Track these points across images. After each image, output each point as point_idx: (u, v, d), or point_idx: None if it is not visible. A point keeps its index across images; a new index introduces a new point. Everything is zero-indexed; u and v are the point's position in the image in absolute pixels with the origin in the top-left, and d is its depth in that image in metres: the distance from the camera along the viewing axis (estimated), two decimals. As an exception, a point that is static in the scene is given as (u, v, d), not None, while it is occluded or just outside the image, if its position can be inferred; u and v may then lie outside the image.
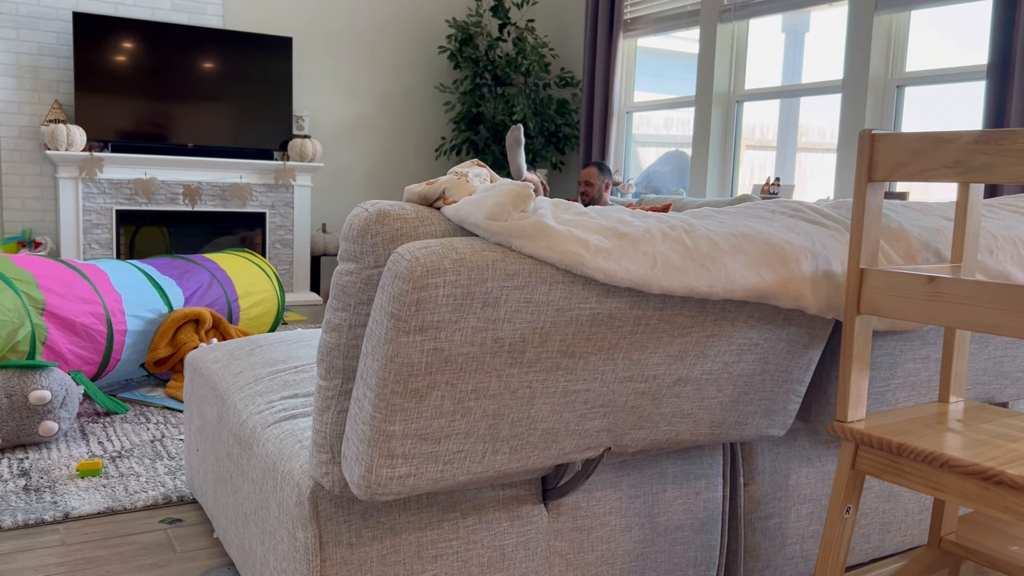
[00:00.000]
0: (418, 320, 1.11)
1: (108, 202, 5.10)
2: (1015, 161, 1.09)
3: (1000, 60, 3.60)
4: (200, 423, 2.03)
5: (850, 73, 4.26)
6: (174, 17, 5.38)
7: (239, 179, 5.45)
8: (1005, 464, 1.14)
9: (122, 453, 2.57)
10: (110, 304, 3.05)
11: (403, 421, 1.16)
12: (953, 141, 1.16)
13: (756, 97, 5.00)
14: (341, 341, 1.24)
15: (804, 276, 1.32)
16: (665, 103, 5.68)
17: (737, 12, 4.93)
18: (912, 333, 1.59)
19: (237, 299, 3.69)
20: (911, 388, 1.65)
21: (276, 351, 2.06)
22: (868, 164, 1.25)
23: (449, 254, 1.11)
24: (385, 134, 6.25)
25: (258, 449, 1.57)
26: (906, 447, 1.22)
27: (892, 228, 1.47)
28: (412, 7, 6.20)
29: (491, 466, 1.28)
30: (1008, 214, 1.77)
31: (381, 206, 1.20)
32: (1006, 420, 1.36)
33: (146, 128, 5.21)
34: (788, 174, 4.93)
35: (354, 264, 1.20)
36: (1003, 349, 1.76)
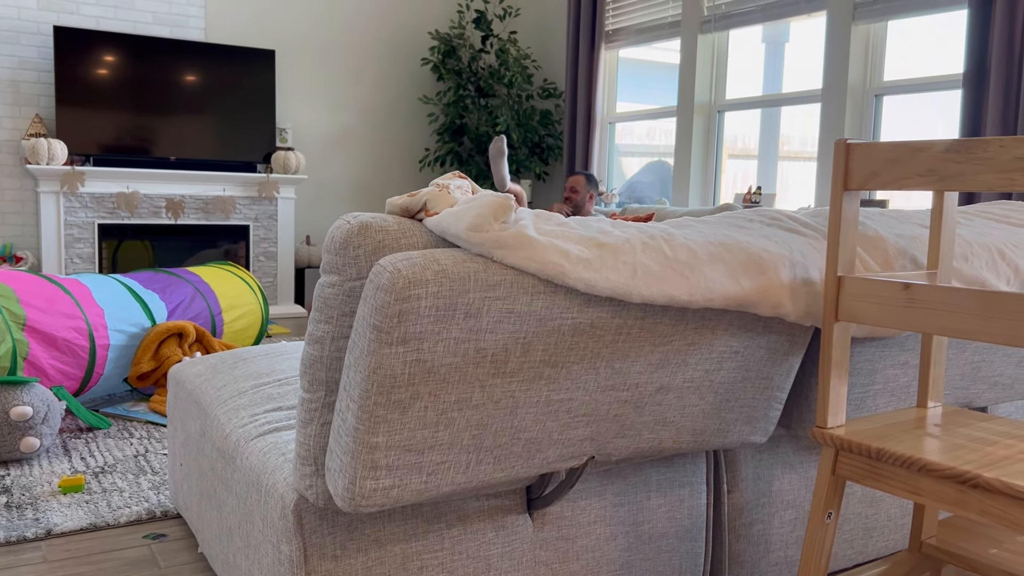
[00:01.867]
0: (401, 331, 1.11)
1: (90, 216, 5.07)
2: (986, 169, 1.11)
3: (975, 69, 3.65)
4: (183, 437, 2.02)
5: (829, 82, 4.31)
6: (156, 30, 5.37)
7: (222, 192, 5.44)
8: (981, 468, 1.15)
9: (105, 468, 2.55)
10: (92, 319, 3.03)
11: (387, 432, 1.17)
12: (926, 150, 1.18)
13: (737, 107, 5.04)
14: (324, 353, 1.24)
15: (783, 284, 1.34)
16: (647, 113, 5.72)
17: (717, 23, 4.98)
18: (891, 339, 1.61)
19: (221, 312, 3.68)
20: (890, 394, 1.67)
21: (259, 364, 2.06)
22: (844, 173, 1.27)
23: (431, 265, 1.12)
24: (369, 146, 6.25)
25: (242, 462, 1.56)
26: (885, 452, 1.24)
27: (869, 236, 1.49)
28: (395, 19, 6.22)
29: (475, 476, 1.28)
30: (983, 221, 1.79)
31: (363, 218, 1.20)
32: (983, 424, 1.38)
33: (128, 142, 5.19)
34: (770, 183, 4.97)
35: (336, 276, 1.21)
36: (980, 354, 1.78)
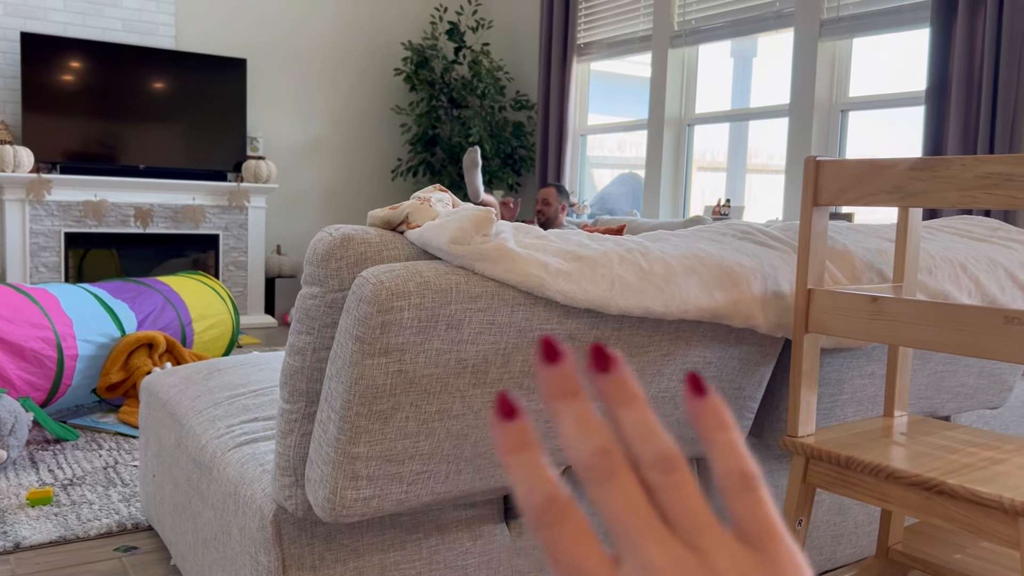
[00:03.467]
0: (383, 343, 1.13)
1: (56, 225, 5.00)
2: (949, 187, 1.15)
3: (937, 86, 3.75)
4: (157, 448, 2.01)
5: (796, 98, 4.40)
6: (125, 38, 5.33)
7: (192, 201, 5.40)
8: (945, 475, 1.19)
9: (74, 481, 2.52)
10: (60, 329, 3.00)
11: (368, 443, 1.18)
12: (892, 168, 1.22)
13: (706, 121, 5.12)
14: (305, 364, 1.25)
15: (754, 296, 1.37)
16: (618, 126, 5.78)
17: (687, 38, 5.05)
18: (858, 350, 1.66)
19: (191, 322, 3.65)
20: (858, 403, 1.71)
21: (234, 375, 2.05)
22: (813, 189, 1.31)
23: (413, 277, 1.13)
24: (341, 155, 6.25)
25: (218, 474, 1.56)
26: (853, 460, 1.27)
27: (838, 249, 1.53)
28: (367, 30, 6.22)
29: (455, 486, 1.30)
30: (947, 235, 1.85)
31: (345, 231, 1.22)
32: (946, 433, 1.42)
33: (96, 150, 5.14)
34: (738, 195, 5.05)
35: (318, 288, 1.22)
36: (943, 365, 1.83)
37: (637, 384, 0.28)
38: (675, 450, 0.27)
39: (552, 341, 0.27)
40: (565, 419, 0.27)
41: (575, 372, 0.27)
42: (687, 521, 0.26)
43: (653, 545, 0.25)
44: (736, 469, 0.27)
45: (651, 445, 0.27)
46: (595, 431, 0.26)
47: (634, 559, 0.25)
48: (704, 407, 0.28)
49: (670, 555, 0.25)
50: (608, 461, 0.26)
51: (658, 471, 0.26)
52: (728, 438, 0.27)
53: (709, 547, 0.25)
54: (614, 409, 0.27)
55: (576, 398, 0.27)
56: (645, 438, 0.27)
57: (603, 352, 0.28)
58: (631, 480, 0.26)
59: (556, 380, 0.27)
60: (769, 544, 0.26)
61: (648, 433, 0.27)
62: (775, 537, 0.26)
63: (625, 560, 0.25)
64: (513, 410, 0.27)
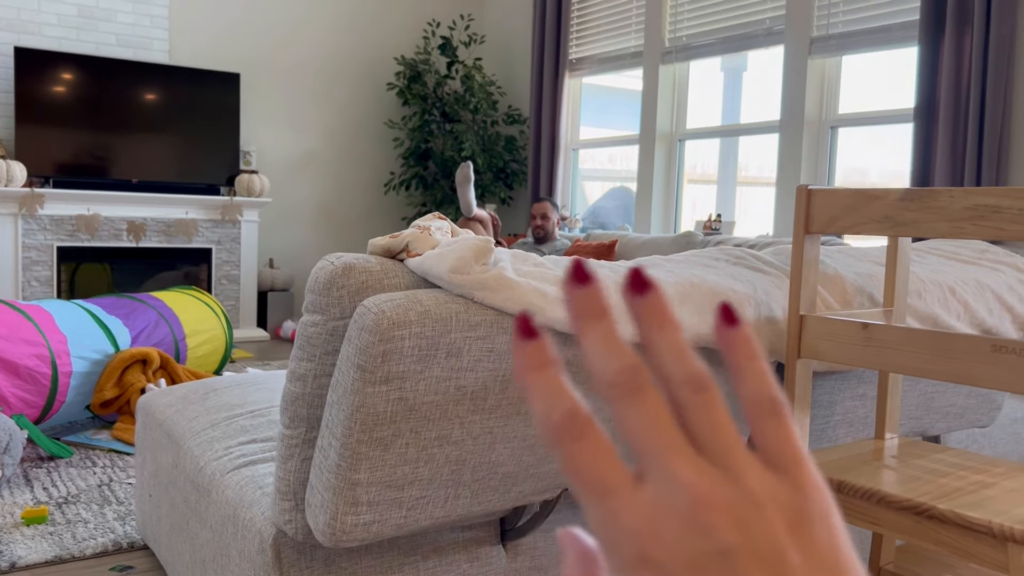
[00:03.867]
0: (384, 371, 1.14)
1: (49, 239, 5.00)
2: (938, 218, 1.18)
3: (926, 104, 3.80)
4: (154, 468, 2.01)
5: (786, 114, 4.44)
6: (119, 52, 5.34)
7: (185, 215, 5.40)
8: (936, 499, 1.22)
9: (68, 499, 2.52)
10: (55, 345, 3.00)
11: (368, 469, 1.19)
12: (882, 198, 1.25)
13: (697, 136, 5.16)
14: (306, 391, 1.27)
15: (748, 322, 1.39)
16: (610, 140, 5.82)
17: (678, 54, 5.10)
18: (849, 372, 1.68)
19: (184, 338, 3.65)
20: (849, 424, 1.74)
21: (231, 395, 2.06)
22: (805, 218, 1.33)
23: (414, 307, 1.15)
24: (333, 169, 6.26)
25: (217, 496, 1.57)
26: (846, 484, 1.29)
27: (829, 274, 1.56)
28: (360, 45, 6.25)
29: (453, 510, 1.31)
30: (936, 259, 1.88)
31: (346, 259, 1.23)
32: (936, 456, 1.45)
33: (89, 164, 5.14)
34: (729, 210, 5.09)
35: (320, 316, 1.23)
36: (933, 385, 1.86)
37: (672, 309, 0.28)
38: (707, 372, 0.26)
39: (581, 264, 0.27)
40: (591, 338, 0.26)
41: (603, 294, 0.27)
42: (715, 440, 0.25)
43: (680, 460, 0.25)
44: (765, 395, 0.27)
45: (683, 365, 0.26)
46: (621, 349, 0.26)
47: (659, 474, 0.25)
48: (735, 336, 0.27)
49: (698, 471, 0.25)
50: (635, 378, 0.25)
51: (689, 389, 0.26)
52: (758, 366, 0.27)
53: (737, 467, 0.25)
54: (648, 332, 0.27)
55: (603, 318, 0.26)
56: (678, 359, 0.26)
57: (640, 276, 0.27)
58: (658, 397, 0.26)
59: (584, 300, 0.26)
60: (795, 468, 0.26)
61: (681, 355, 0.26)
62: (801, 462, 0.26)
63: (649, 475, 0.25)
64: (532, 330, 0.26)
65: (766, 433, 0.26)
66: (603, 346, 0.26)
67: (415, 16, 6.45)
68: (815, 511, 0.25)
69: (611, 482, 0.25)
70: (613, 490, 0.24)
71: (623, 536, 0.24)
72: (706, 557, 0.24)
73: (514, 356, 0.27)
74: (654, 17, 5.20)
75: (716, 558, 0.24)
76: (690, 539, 0.24)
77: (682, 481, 0.24)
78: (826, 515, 0.25)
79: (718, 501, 0.24)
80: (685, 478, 0.24)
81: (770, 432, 0.26)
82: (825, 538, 0.25)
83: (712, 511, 0.24)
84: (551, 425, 0.25)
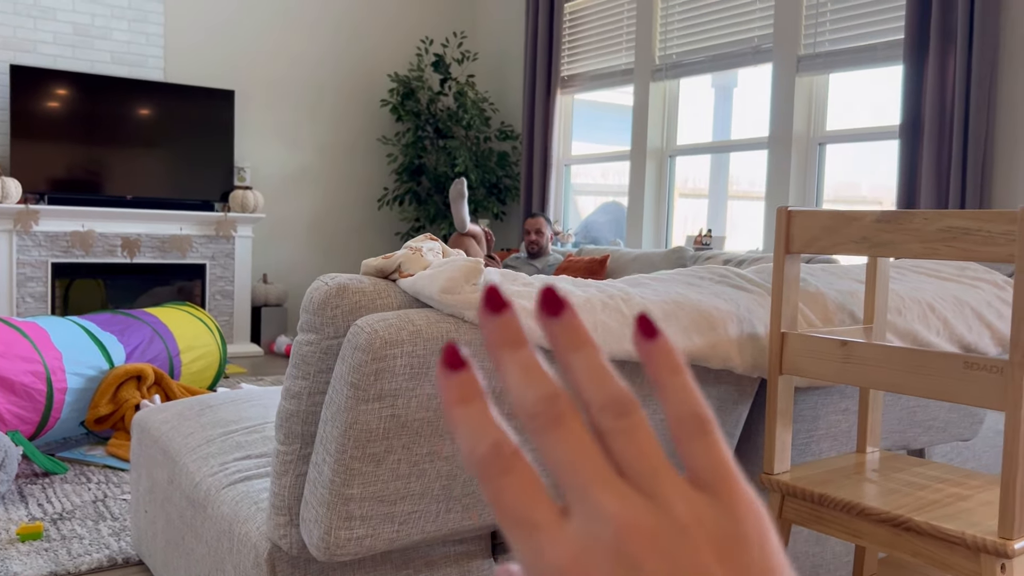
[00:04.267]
0: (377, 389, 1.18)
1: (43, 255, 5.02)
2: (913, 239, 1.22)
3: (911, 121, 3.86)
4: (149, 484, 2.04)
5: (775, 131, 4.50)
6: (114, 70, 5.38)
7: (179, 231, 5.43)
8: (913, 511, 1.25)
9: (63, 515, 2.54)
10: (50, 362, 3.02)
11: (361, 484, 1.23)
12: (859, 220, 1.29)
13: (688, 152, 5.22)
14: (300, 408, 1.30)
15: (731, 339, 1.43)
16: (602, 156, 5.88)
17: (668, 72, 5.17)
18: (832, 388, 1.72)
19: (179, 354, 3.68)
20: (833, 439, 1.77)
21: (226, 411, 2.09)
22: (785, 238, 1.38)
23: (406, 326, 1.19)
24: (327, 185, 6.31)
25: (213, 511, 1.60)
26: (827, 497, 1.33)
27: (811, 292, 1.60)
28: (354, 62, 6.31)
29: (445, 524, 1.34)
30: (916, 276, 1.92)
31: (340, 280, 1.27)
32: (916, 469, 1.48)
33: (84, 180, 5.17)
34: (720, 224, 5.14)
35: (314, 335, 1.27)
36: (915, 400, 1.90)
37: (588, 329, 0.27)
38: (628, 394, 0.26)
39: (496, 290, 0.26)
40: (510, 368, 0.25)
41: (519, 322, 0.26)
42: (640, 467, 0.25)
43: (605, 492, 0.24)
44: (690, 413, 0.26)
45: (603, 389, 0.25)
46: (541, 378, 0.25)
47: (584, 507, 0.24)
48: (655, 349, 0.26)
49: (623, 501, 0.24)
50: (555, 407, 0.25)
51: (610, 415, 0.25)
52: (681, 381, 0.26)
53: (664, 493, 0.24)
54: (564, 354, 0.26)
55: (521, 347, 0.25)
56: (597, 382, 0.25)
57: (554, 295, 0.26)
58: (580, 426, 0.25)
59: (500, 329, 0.26)
60: (724, 489, 0.25)
61: (600, 377, 0.25)
62: (731, 482, 0.25)
63: (574, 508, 0.24)
64: (460, 362, 0.26)
65: (694, 453, 0.25)
66: (522, 376, 0.25)
67: (408, 34, 6.52)
68: (748, 534, 0.24)
69: (536, 517, 0.24)
70: (538, 525, 0.24)
71: (549, 572, 0.23)
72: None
73: (440, 389, 0.26)
74: (644, 35, 5.27)
75: None
76: (616, 572, 0.23)
77: (606, 512, 0.24)
78: (759, 537, 0.24)
79: (643, 531, 0.23)
80: (609, 509, 0.24)
81: (698, 452, 0.25)
82: (757, 561, 0.24)
83: (637, 542, 0.23)
84: (476, 459, 0.25)
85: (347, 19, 6.25)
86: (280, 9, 5.99)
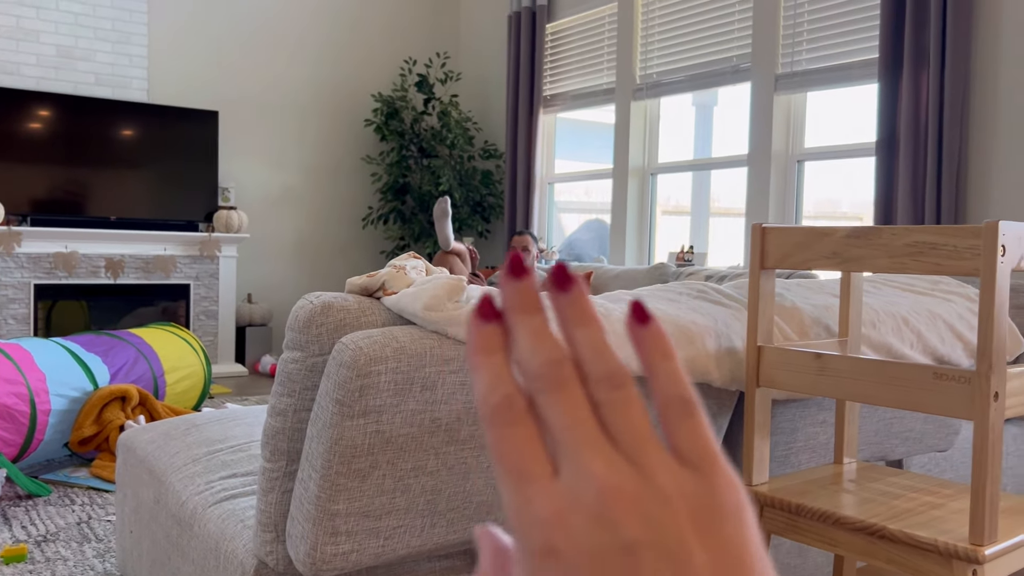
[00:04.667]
0: (362, 405, 1.20)
1: (26, 276, 5.00)
2: (881, 254, 1.26)
3: (886, 138, 3.93)
4: (134, 504, 2.04)
5: (754, 149, 4.57)
6: (97, 91, 5.39)
7: (163, 251, 5.43)
8: (888, 520, 1.28)
9: (47, 537, 2.53)
10: (34, 384, 3.01)
11: (347, 500, 1.24)
12: (830, 235, 1.33)
13: (669, 170, 5.28)
14: (286, 425, 1.32)
15: (709, 353, 1.46)
16: (584, 174, 5.93)
17: (649, 91, 5.23)
18: (810, 400, 1.76)
19: (163, 374, 3.67)
20: (811, 450, 1.81)
21: (212, 431, 2.10)
22: (760, 254, 1.41)
23: (390, 343, 1.21)
24: (312, 204, 6.32)
25: (199, 530, 1.61)
26: (804, 507, 1.36)
27: (786, 306, 1.64)
28: (338, 82, 6.35)
29: (430, 539, 1.36)
30: (890, 290, 1.97)
31: (325, 298, 1.29)
32: (891, 479, 1.52)
33: (67, 201, 5.17)
34: (701, 241, 5.20)
35: (300, 352, 1.29)
36: (891, 412, 1.94)
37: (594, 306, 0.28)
38: (625, 369, 0.27)
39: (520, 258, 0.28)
40: (521, 331, 0.27)
41: (536, 289, 0.27)
42: (630, 437, 0.26)
43: (594, 455, 0.25)
44: (677, 395, 0.27)
45: (602, 362, 0.26)
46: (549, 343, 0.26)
47: (574, 467, 0.25)
48: (647, 334, 0.28)
49: (610, 466, 0.25)
50: (558, 371, 0.26)
51: (606, 387, 0.26)
52: (670, 366, 0.27)
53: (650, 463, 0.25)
54: (569, 328, 0.27)
55: (535, 313, 0.27)
56: (597, 356, 0.27)
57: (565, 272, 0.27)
58: (579, 392, 0.26)
59: (518, 294, 0.27)
60: (707, 466, 0.26)
61: (600, 351, 0.27)
62: (713, 460, 0.26)
63: (564, 468, 0.25)
64: (493, 313, 0.27)
65: (679, 432, 0.27)
66: (532, 339, 0.26)
67: (392, 54, 6.57)
68: (726, 508, 0.25)
69: (531, 469, 0.25)
70: (531, 477, 0.25)
71: (533, 524, 0.25)
72: (609, 551, 0.24)
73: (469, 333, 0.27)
74: (625, 55, 5.34)
75: (619, 552, 0.24)
76: (595, 532, 0.24)
77: (593, 474, 0.25)
78: (737, 512, 0.25)
79: (626, 495, 0.25)
80: (596, 471, 0.25)
81: (683, 431, 0.26)
82: (734, 535, 0.25)
83: (619, 505, 0.24)
84: (489, 405, 0.26)
85: (331, 40, 6.29)
86: (264, 29, 6.03)
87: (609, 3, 5.46)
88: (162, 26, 5.63)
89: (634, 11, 5.28)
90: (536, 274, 0.28)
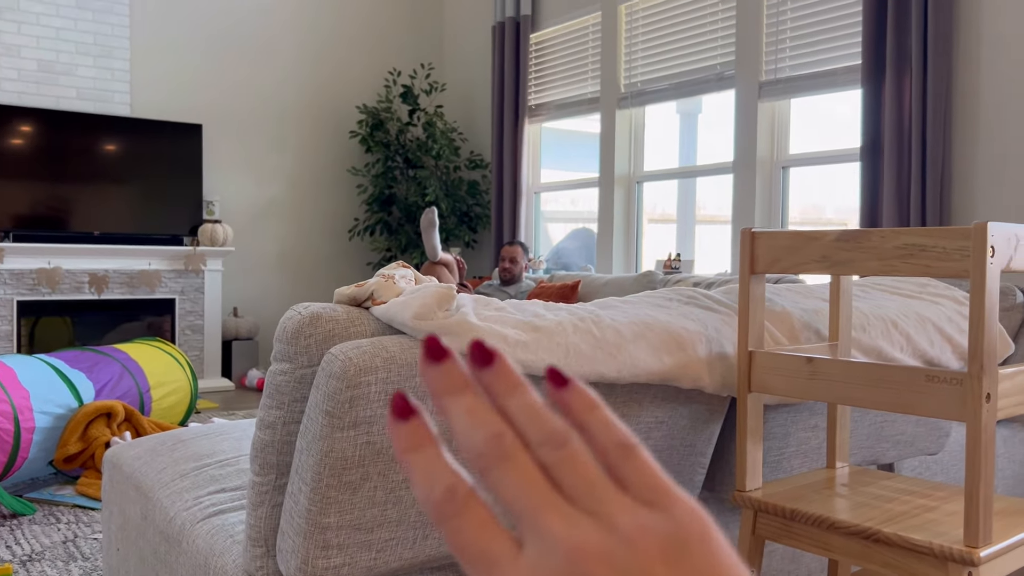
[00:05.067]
0: (352, 416, 1.18)
1: (9, 293, 4.95)
2: (871, 257, 1.26)
3: (871, 144, 3.96)
4: (121, 521, 2.01)
5: (739, 156, 4.59)
6: (80, 106, 5.36)
7: (148, 266, 5.39)
8: (882, 523, 1.28)
9: (32, 556, 2.49)
10: (17, 401, 2.97)
11: (338, 513, 1.23)
12: (819, 239, 1.33)
13: (655, 178, 5.30)
14: (275, 438, 1.30)
15: (700, 359, 1.46)
16: (570, 183, 5.94)
17: (633, 99, 5.25)
18: (801, 405, 1.75)
19: (149, 390, 3.64)
20: (804, 455, 1.80)
21: (199, 445, 2.07)
22: (750, 259, 1.41)
23: (380, 353, 1.20)
24: (297, 217, 6.30)
25: (188, 546, 1.59)
26: (798, 512, 1.35)
27: (777, 311, 1.63)
28: (322, 93, 6.34)
29: (422, 551, 1.34)
30: (879, 293, 1.97)
31: (313, 309, 1.28)
32: (884, 483, 1.51)
33: (50, 216, 5.12)
34: (688, 248, 5.21)
35: (288, 364, 1.27)
36: (883, 415, 1.94)
37: (519, 373, 0.28)
38: (564, 426, 0.27)
39: (436, 339, 0.27)
40: (456, 413, 0.27)
41: (460, 368, 0.27)
42: (584, 491, 0.26)
43: (552, 517, 0.25)
44: (613, 441, 0.27)
45: (540, 425, 0.27)
46: (486, 419, 0.26)
47: (535, 534, 0.25)
48: (568, 394, 0.28)
49: (569, 524, 0.25)
50: (501, 444, 0.26)
51: (549, 448, 0.26)
52: (599, 415, 0.28)
53: (609, 511, 0.25)
54: (501, 400, 0.27)
55: (464, 392, 0.27)
56: (533, 421, 0.27)
57: (483, 348, 0.28)
58: (525, 459, 0.26)
59: (442, 377, 0.27)
60: (663, 499, 0.26)
61: (535, 415, 0.27)
62: (666, 492, 0.26)
63: (527, 538, 0.25)
64: (409, 410, 0.27)
65: (627, 475, 0.27)
66: (468, 418, 0.27)
67: (376, 65, 6.57)
68: (691, 537, 0.25)
69: (493, 553, 0.25)
70: (496, 560, 0.25)
71: None
72: None
73: (392, 438, 0.27)
74: (609, 64, 5.36)
75: None
76: None
77: (555, 537, 0.25)
78: (703, 537, 0.25)
79: (591, 549, 0.25)
80: (558, 533, 0.25)
81: (630, 472, 0.27)
82: (704, 562, 0.25)
83: (587, 562, 0.24)
84: (432, 503, 0.26)
85: (315, 51, 6.28)
86: (247, 42, 6.01)
87: (593, 12, 5.48)
88: (144, 40, 5.60)
89: (618, 20, 5.30)
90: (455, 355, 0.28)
